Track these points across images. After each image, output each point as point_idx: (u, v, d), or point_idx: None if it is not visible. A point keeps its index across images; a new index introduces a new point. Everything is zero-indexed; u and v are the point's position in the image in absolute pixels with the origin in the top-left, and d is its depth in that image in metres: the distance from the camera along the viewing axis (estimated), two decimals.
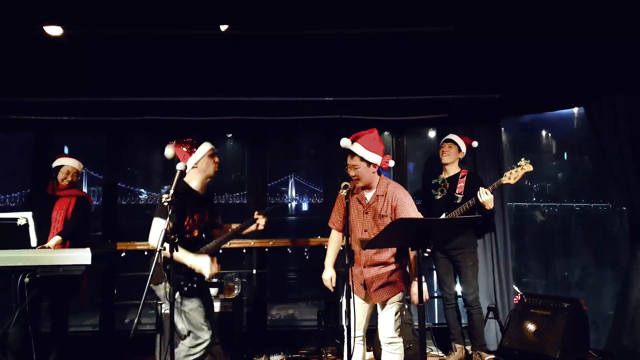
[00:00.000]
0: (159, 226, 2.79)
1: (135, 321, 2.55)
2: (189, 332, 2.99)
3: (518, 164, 3.66)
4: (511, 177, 3.65)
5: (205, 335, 2.98)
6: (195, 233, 3.02)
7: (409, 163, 4.84)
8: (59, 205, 3.68)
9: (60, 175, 3.72)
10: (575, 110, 5.08)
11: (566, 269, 5.71)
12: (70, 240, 3.62)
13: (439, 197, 3.97)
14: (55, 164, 3.76)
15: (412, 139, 4.91)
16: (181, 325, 2.98)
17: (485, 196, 3.62)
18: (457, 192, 3.89)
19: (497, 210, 4.31)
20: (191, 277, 2.94)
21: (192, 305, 2.96)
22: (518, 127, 5.38)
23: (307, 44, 3.95)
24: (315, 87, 4.37)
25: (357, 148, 2.90)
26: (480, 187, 3.69)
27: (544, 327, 3.68)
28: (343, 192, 2.76)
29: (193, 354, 2.98)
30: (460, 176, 3.96)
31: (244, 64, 4.10)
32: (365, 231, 2.95)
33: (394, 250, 2.94)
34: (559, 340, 3.53)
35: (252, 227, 3.18)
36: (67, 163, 3.75)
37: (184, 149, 3.02)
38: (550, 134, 6.06)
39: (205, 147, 3.06)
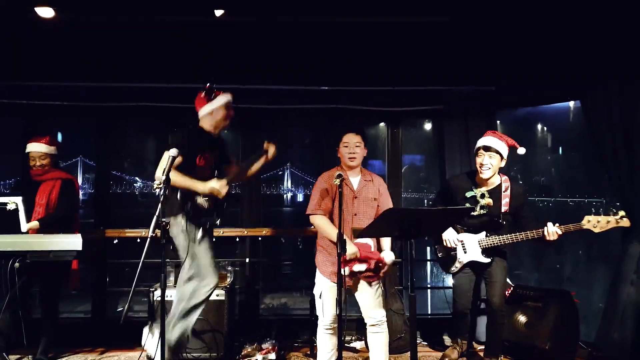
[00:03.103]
0: (164, 159, 2.88)
1: (126, 307, 2.57)
2: (193, 276, 3.06)
3: (616, 212, 3.17)
4: (598, 225, 3.15)
5: (212, 280, 3.07)
6: (208, 172, 3.09)
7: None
8: (42, 189, 3.62)
9: (31, 162, 3.64)
10: (571, 104, 5.08)
11: (558, 263, 5.75)
12: (59, 227, 3.52)
13: (476, 213, 3.39)
14: (27, 150, 3.67)
15: (407, 130, 4.88)
16: (187, 269, 3.06)
17: (555, 236, 3.15)
18: (502, 210, 3.36)
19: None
20: (210, 215, 3.04)
21: (202, 247, 3.04)
22: (513, 120, 5.37)
23: (303, 32, 3.92)
24: (311, 76, 4.33)
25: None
26: (549, 224, 3.15)
27: (535, 319, 3.70)
28: (337, 182, 2.75)
29: (197, 298, 3.04)
30: (503, 189, 3.37)
31: (238, 51, 4.07)
32: (355, 215, 3.04)
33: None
34: (549, 332, 3.56)
35: (262, 159, 3.29)
36: (33, 149, 3.64)
37: (204, 94, 3.16)
38: (545, 128, 6.07)
39: (223, 99, 3.19)
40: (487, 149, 3.31)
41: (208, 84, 3.17)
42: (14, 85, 4.30)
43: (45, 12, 3.50)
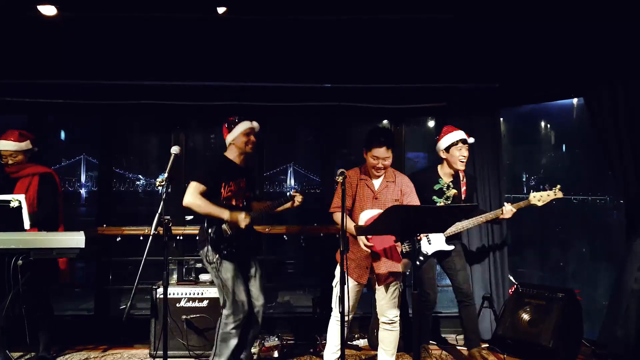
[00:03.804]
0: (195, 188, 3.03)
1: (128, 305, 2.57)
2: (225, 302, 3.14)
3: (552, 188, 3.57)
4: (541, 199, 3.55)
5: (239, 313, 3.12)
6: (233, 202, 3.17)
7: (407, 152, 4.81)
8: (19, 187, 3.50)
9: (3, 160, 3.53)
10: (575, 101, 5.05)
11: (562, 260, 5.72)
12: (41, 226, 3.42)
13: (442, 204, 3.61)
14: None
15: (410, 127, 4.87)
16: (220, 294, 3.17)
17: (510, 214, 3.55)
18: (462, 197, 3.68)
19: (495, 201, 4.31)
20: (230, 241, 3.11)
21: (226, 274, 3.10)
22: (517, 118, 5.35)
23: (306, 30, 3.91)
24: (314, 73, 4.32)
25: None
26: (506, 204, 3.58)
27: (538, 317, 3.69)
28: (340, 179, 2.76)
29: (226, 329, 3.13)
30: (461, 178, 3.70)
31: (241, 49, 4.06)
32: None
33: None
34: (552, 330, 3.55)
35: (288, 205, 3.30)
36: (2, 147, 3.50)
37: (226, 125, 3.23)
38: (549, 125, 6.03)
39: (241, 127, 3.20)
40: (465, 142, 3.61)
41: (231, 118, 3.24)
42: (18, 83, 4.30)
43: (48, 10, 3.50)
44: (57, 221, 3.65)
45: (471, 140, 3.70)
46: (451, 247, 3.68)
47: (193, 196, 2.99)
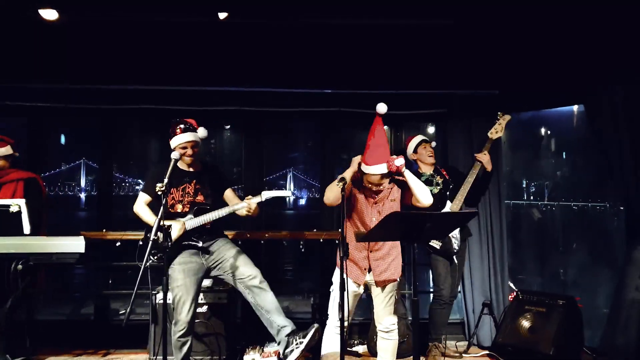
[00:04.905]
0: (140, 198, 3.23)
1: (128, 310, 2.56)
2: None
3: (498, 118, 3.95)
4: (497, 131, 3.92)
5: (179, 325, 3.06)
6: (178, 208, 3.17)
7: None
8: (4, 192, 3.47)
9: None
10: (575, 108, 5.06)
11: (562, 267, 5.71)
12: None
13: (435, 191, 3.85)
14: None
15: (410, 133, 4.87)
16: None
17: (485, 156, 3.85)
18: (451, 185, 3.92)
19: (494, 207, 4.32)
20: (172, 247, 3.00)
21: (176, 283, 3.07)
22: (517, 125, 5.35)
23: (306, 35, 3.92)
24: (314, 79, 4.34)
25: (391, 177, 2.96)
26: (475, 155, 3.93)
27: (539, 324, 3.68)
28: (339, 185, 2.74)
29: (174, 338, 3.10)
30: (440, 169, 4.05)
31: (242, 54, 4.07)
32: (375, 219, 2.95)
33: None
34: (552, 337, 3.54)
35: (244, 211, 3.21)
36: None
37: (170, 131, 3.21)
38: (549, 132, 6.03)
39: (177, 140, 3.16)
40: (427, 141, 4.03)
41: (174, 124, 3.21)
42: (18, 87, 4.31)
43: (49, 14, 3.51)
44: (41, 227, 3.60)
45: (433, 144, 4.07)
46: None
47: (136, 206, 3.22)
